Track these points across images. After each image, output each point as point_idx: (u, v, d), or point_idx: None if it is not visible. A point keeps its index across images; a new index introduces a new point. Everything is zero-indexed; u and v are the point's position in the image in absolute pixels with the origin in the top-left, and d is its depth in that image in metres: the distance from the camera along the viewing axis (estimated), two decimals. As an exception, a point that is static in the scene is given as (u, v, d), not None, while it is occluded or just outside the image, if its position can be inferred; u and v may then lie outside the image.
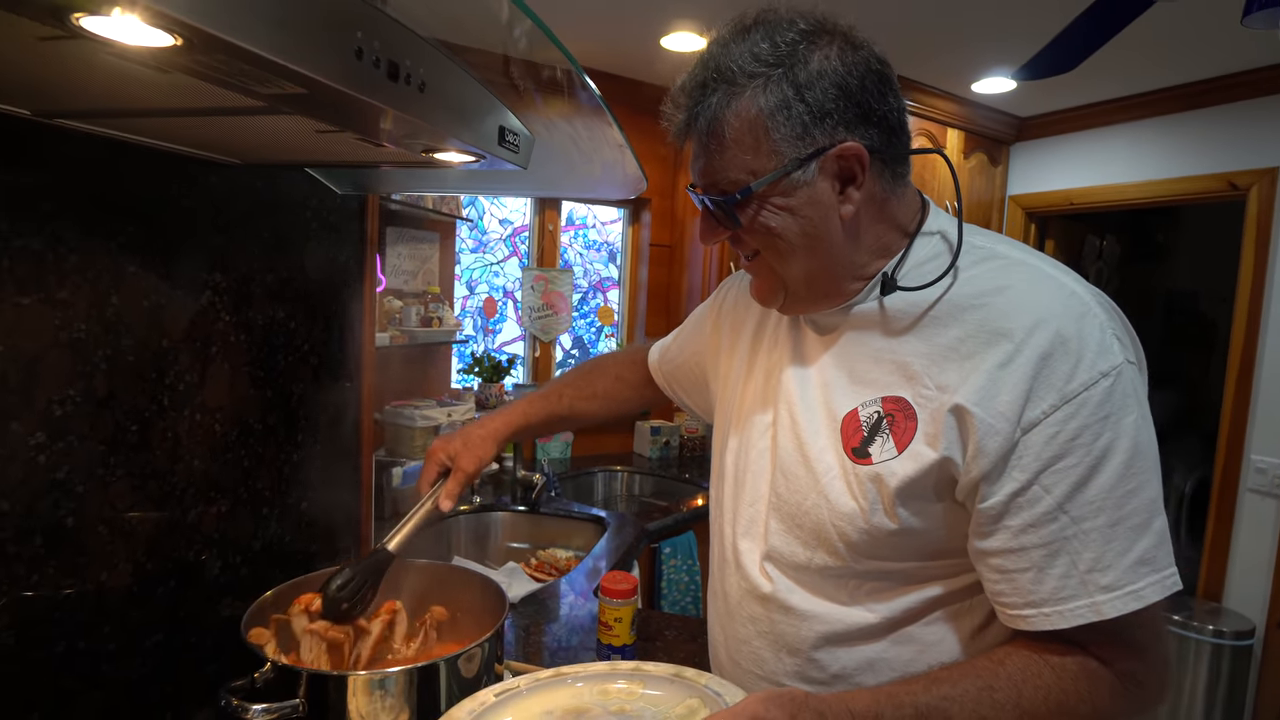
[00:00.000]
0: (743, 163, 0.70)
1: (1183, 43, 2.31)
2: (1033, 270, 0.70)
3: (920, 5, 2.09)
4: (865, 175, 0.70)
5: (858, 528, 0.72)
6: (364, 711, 0.87)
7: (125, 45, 0.45)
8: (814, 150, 0.68)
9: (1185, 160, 2.76)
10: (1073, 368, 0.64)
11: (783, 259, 0.74)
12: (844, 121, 0.68)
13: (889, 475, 0.70)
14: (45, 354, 0.84)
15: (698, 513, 2.38)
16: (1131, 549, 0.63)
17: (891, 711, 0.63)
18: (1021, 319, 0.66)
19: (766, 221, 0.71)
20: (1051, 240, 3.41)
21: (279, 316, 1.16)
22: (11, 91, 0.68)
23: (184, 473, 1.02)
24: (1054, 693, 0.65)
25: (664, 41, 2.45)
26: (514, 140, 0.82)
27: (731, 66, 0.68)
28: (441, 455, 1.03)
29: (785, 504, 0.79)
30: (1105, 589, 0.63)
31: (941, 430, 0.68)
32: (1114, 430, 0.63)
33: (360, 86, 0.56)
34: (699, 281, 2.98)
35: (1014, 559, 0.66)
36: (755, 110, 0.68)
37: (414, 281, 2.41)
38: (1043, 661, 0.66)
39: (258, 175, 1.09)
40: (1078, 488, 0.64)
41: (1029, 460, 0.64)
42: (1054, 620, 0.65)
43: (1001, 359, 0.65)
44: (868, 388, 0.74)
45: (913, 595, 0.74)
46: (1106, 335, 0.65)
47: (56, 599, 0.87)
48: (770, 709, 0.60)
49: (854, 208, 0.71)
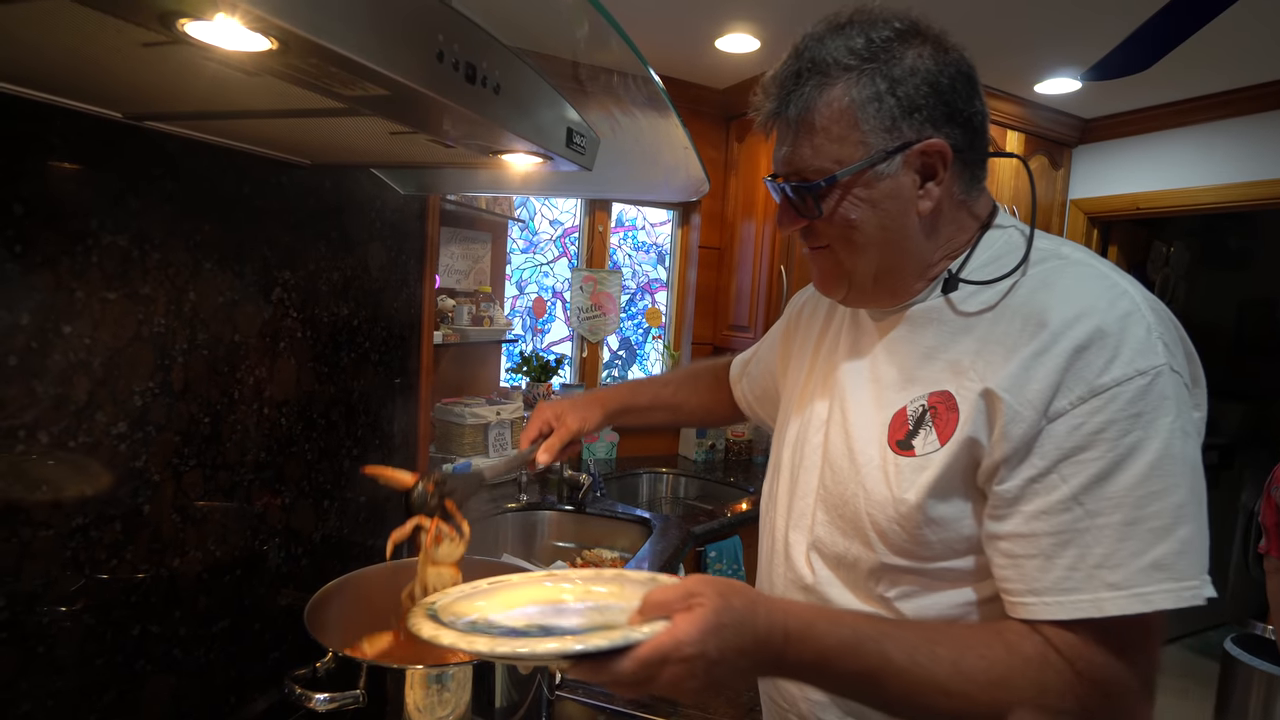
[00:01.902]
0: (830, 151, 0.71)
1: (1260, 40, 2.20)
2: (1087, 269, 0.70)
3: (984, 5, 2.04)
4: (946, 172, 0.71)
5: (888, 515, 0.72)
6: (421, 704, 0.88)
7: (224, 50, 0.46)
8: (901, 144, 0.70)
9: (1263, 163, 2.63)
10: (1108, 362, 0.63)
11: (857, 251, 0.75)
12: (931, 118, 0.70)
13: (928, 466, 0.71)
14: (128, 347, 0.87)
15: (743, 517, 2.36)
16: (1147, 551, 0.61)
17: (828, 625, 0.63)
18: (1064, 311, 0.66)
19: (847, 212, 0.72)
20: (1115, 246, 3.29)
21: (343, 314, 1.18)
22: (107, 95, 0.71)
23: (251, 464, 1.05)
24: (998, 666, 0.63)
25: (718, 43, 2.44)
26: (581, 142, 0.82)
27: (826, 58, 0.71)
28: (548, 414, 1.08)
29: (830, 495, 0.80)
30: (1112, 586, 0.61)
31: (972, 414, 0.68)
32: (1144, 429, 0.62)
33: (440, 88, 0.57)
34: (748, 285, 2.95)
35: (1023, 544, 0.65)
36: (847, 100, 0.70)
37: (466, 281, 2.45)
38: (1000, 639, 0.65)
39: (325, 175, 1.12)
40: (1097, 481, 0.62)
41: (1050, 448, 0.64)
42: (1054, 610, 0.63)
43: (1038, 348, 0.65)
44: (917, 385, 0.75)
45: (941, 599, 0.73)
46: (1152, 336, 0.64)
47: (132, 583, 0.91)
48: (705, 587, 0.60)
49: (932, 204, 0.72)
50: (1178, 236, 3.65)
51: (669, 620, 0.59)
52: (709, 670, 0.58)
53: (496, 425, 2.34)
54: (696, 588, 0.60)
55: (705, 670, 0.58)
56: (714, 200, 3.09)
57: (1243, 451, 3.76)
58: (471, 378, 2.55)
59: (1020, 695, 0.63)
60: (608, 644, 0.57)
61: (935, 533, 0.71)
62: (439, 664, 0.91)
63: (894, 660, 0.63)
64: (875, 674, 0.63)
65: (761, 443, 3.27)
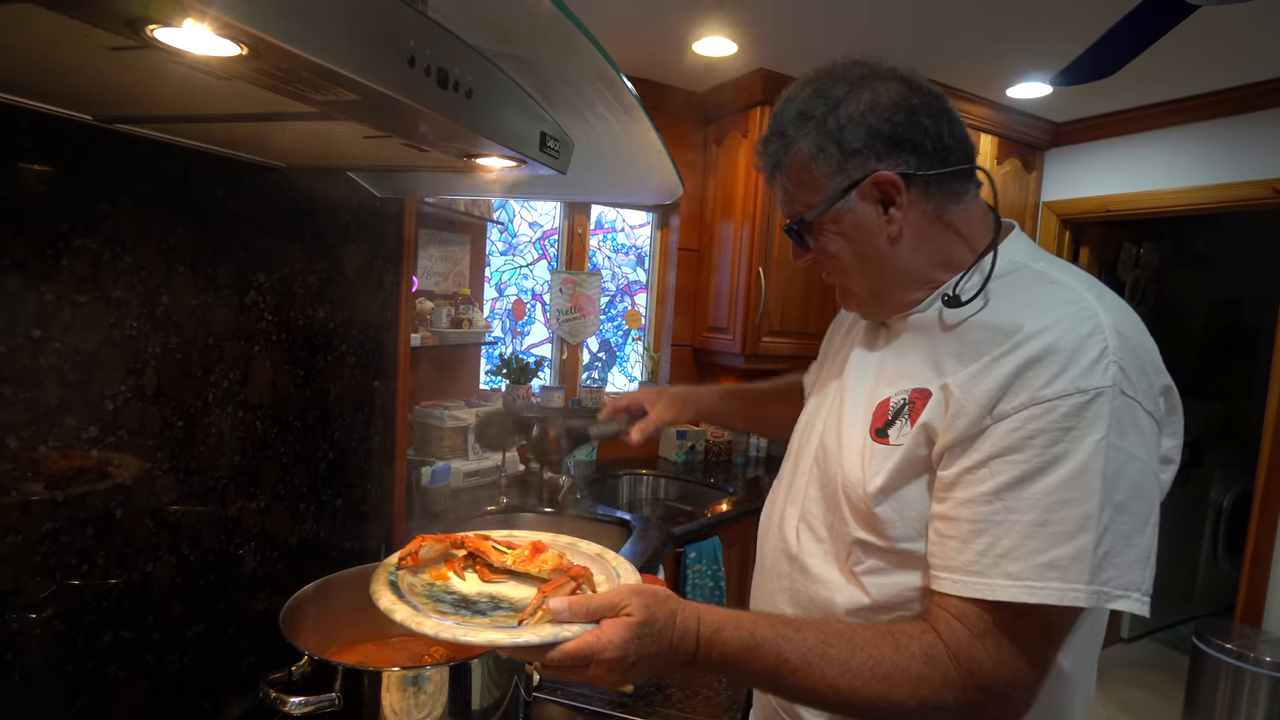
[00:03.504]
0: (801, 198, 0.84)
1: (1226, 47, 2.26)
2: (1068, 291, 0.76)
3: (957, 11, 2.08)
4: (903, 196, 0.80)
5: (858, 495, 0.80)
6: (398, 707, 0.88)
7: (193, 55, 0.46)
8: (849, 182, 0.80)
9: (1228, 167, 2.70)
10: (1053, 376, 0.68)
11: (843, 274, 0.87)
12: (874, 154, 0.79)
13: (897, 451, 0.78)
14: (99, 350, 0.87)
15: (722, 518, 2.38)
16: (1046, 551, 0.67)
17: (732, 630, 0.72)
18: (1030, 326, 0.72)
19: (825, 245, 0.85)
20: (1086, 248, 3.35)
21: (319, 317, 1.18)
22: (77, 97, 0.70)
23: (226, 468, 1.05)
24: (884, 664, 0.71)
25: (696, 47, 2.45)
26: (554, 146, 0.83)
27: (783, 123, 0.84)
28: (643, 398, 1.15)
29: (820, 473, 0.89)
30: (1009, 575, 0.68)
31: (931, 404, 0.76)
32: (1071, 443, 0.67)
33: (411, 94, 0.57)
34: (727, 286, 2.97)
35: (949, 526, 0.73)
36: (804, 155, 0.82)
37: (445, 283, 2.44)
38: (890, 638, 0.72)
39: (300, 178, 1.11)
40: (1019, 482, 0.69)
41: (986, 445, 0.71)
42: (958, 587, 0.71)
43: (997, 354, 0.72)
44: (905, 380, 0.82)
45: (906, 578, 0.79)
46: (1103, 360, 0.68)
47: (104, 589, 0.90)
48: (633, 599, 0.70)
49: (898, 226, 0.81)
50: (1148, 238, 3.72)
51: (597, 624, 0.69)
52: (626, 670, 0.69)
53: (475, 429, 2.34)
54: (625, 600, 0.70)
55: (623, 670, 0.68)
56: (693, 202, 3.11)
57: (1212, 449, 3.85)
58: (451, 380, 2.54)
59: (901, 688, 0.70)
60: (537, 639, 0.68)
61: (897, 511, 0.78)
62: (415, 666, 0.91)
63: (789, 660, 0.71)
64: (774, 672, 0.71)
65: (740, 444, 3.29)
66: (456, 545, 0.91)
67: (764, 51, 2.52)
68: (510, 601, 0.84)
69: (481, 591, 0.86)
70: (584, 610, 0.70)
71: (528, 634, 0.68)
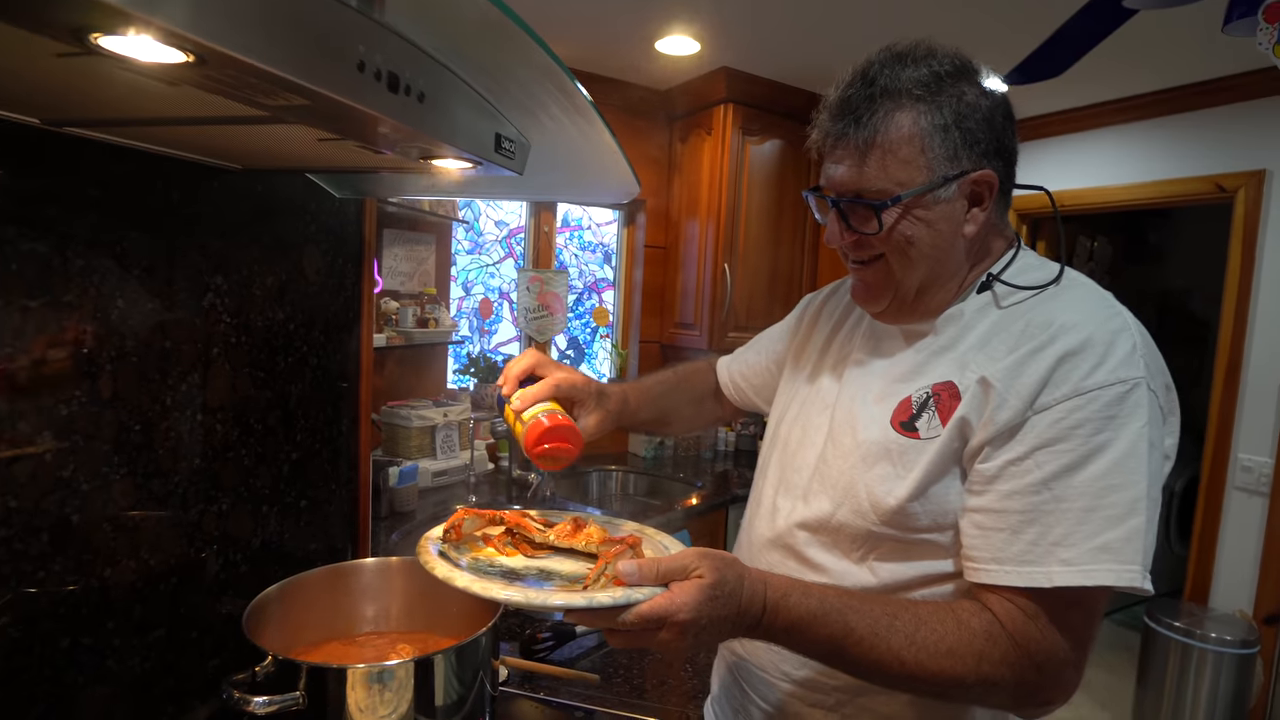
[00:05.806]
0: (896, 173, 0.77)
1: (1169, 48, 2.34)
2: (1092, 290, 0.80)
3: (907, 11, 2.12)
4: (990, 200, 0.80)
5: (887, 489, 0.80)
6: (362, 704, 0.89)
7: (140, 62, 0.47)
8: (959, 171, 0.78)
9: (1173, 163, 2.80)
10: (1093, 367, 0.71)
11: (909, 265, 0.82)
12: (985, 151, 0.78)
13: (930, 447, 0.78)
14: (50, 355, 0.86)
15: (690, 511, 2.40)
16: (1098, 535, 0.69)
17: (799, 596, 0.71)
18: (1063, 320, 0.74)
19: (904, 230, 0.80)
20: (1042, 241, 3.44)
21: (279, 319, 1.18)
22: (23, 101, 0.70)
23: (186, 471, 1.04)
24: (948, 639, 0.71)
25: (658, 45, 2.47)
26: (510, 147, 0.84)
27: (899, 86, 0.77)
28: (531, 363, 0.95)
29: (828, 468, 0.88)
30: (1064, 562, 0.69)
31: (968, 398, 0.76)
32: (1115, 430, 0.69)
33: (362, 98, 0.58)
34: (693, 282, 3.00)
35: (994, 519, 0.73)
36: (917, 128, 0.77)
37: (410, 283, 2.43)
38: (952, 614, 0.73)
39: (257, 180, 1.11)
40: (1067, 470, 0.70)
41: (1031, 437, 0.71)
42: (1012, 577, 0.71)
43: (1034, 348, 0.73)
44: (924, 377, 0.82)
45: (917, 565, 0.80)
46: (1135, 354, 0.72)
47: (61, 595, 0.89)
48: (703, 561, 0.69)
49: (976, 227, 0.81)
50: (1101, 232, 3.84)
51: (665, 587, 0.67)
52: (698, 634, 0.67)
53: (444, 427, 2.34)
54: (694, 562, 0.69)
55: (695, 634, 0.67)
56: (658, 200, 3.13)
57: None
58: (418, 380, 2.53)
59: (965, 663, 0.71)
60: (610, 600, 0.66)
61: (925, 506, 0.78)
62: (379, 663, 0.92)
63: (855, 630, 0.71)
64: (839, 640, 0.71)
65: (709, 439, 3.32)
66: (495, 521, 0.90)
67: (726, 50, 2.54)
68: (561, 575, 0.79)
69: (529, 565, 0.82)
70: (654, 573, 0.68)
71: (602, 595, 0.66)
